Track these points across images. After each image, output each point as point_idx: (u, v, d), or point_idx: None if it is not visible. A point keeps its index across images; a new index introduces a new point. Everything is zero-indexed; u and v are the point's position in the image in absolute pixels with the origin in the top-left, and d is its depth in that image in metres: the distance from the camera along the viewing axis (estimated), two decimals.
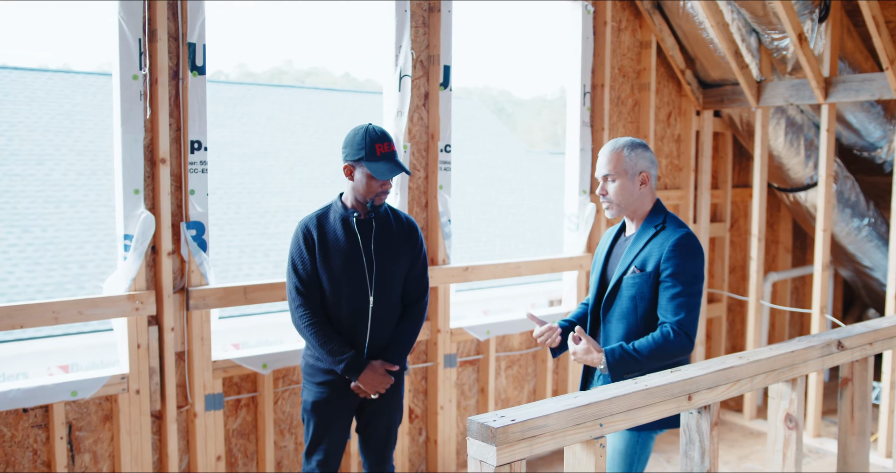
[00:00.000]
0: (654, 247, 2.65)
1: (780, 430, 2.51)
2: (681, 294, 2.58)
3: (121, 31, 3.16)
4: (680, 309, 2.58)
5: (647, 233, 2.71)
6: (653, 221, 2.73)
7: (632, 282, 2.67)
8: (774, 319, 6.13)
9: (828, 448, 4.73)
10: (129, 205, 3.24)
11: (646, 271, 2.64)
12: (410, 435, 4.23)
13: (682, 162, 5.38)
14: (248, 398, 3.69)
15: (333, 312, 3.04)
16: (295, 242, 3.06)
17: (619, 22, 4.91)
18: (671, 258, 2.60)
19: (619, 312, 2.71)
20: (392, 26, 3.90)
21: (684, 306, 2.58)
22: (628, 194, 2.71)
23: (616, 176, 2.69)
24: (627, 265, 2.69)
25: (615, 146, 2.72)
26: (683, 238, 2.63)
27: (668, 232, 2.67)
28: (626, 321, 2.70)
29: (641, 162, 2.71)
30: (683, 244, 2.62)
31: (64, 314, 3.12)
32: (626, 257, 2.72)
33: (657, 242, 2.66)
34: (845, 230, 5.25)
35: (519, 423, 1.74)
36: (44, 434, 3.17)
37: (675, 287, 2.59)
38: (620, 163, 2.69)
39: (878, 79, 4.42)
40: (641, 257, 2.67)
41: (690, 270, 2.61)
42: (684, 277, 2.59)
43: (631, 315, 2.68)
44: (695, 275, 2.61)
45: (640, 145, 2.73)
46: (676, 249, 2.61)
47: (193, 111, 3.37)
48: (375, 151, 2.93)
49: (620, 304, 2.71)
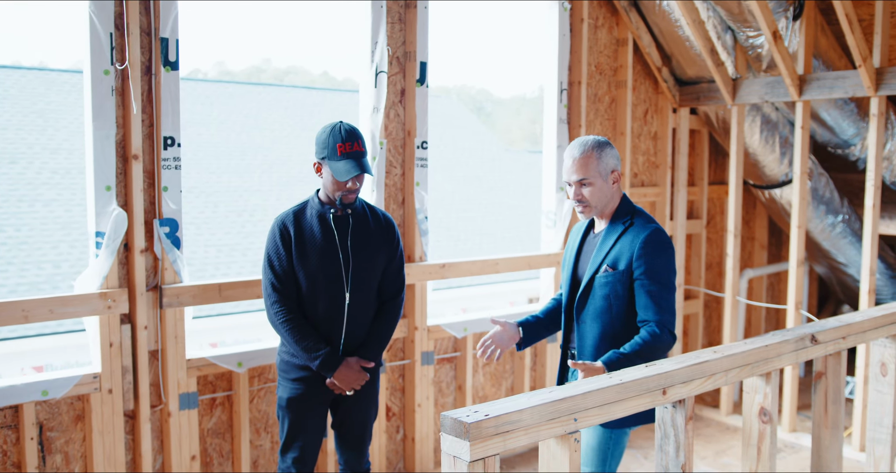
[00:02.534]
0: (625, 244, 2.65)
1: (755, 424, 2.52)
2: (658, 292, 2.59)
3: (91, 26, 3.11)
4: (659, 307, 2.59)
5: (615, 230, 2.70)
6: (620, 217, 2.72)
7: (604, 281, 2.66)
8: (751, 315, 6.18)
9: (803, 443, 4.77)
10: (100, 202, 3.19)
11: (618, 269, 2.64)
12: (388, 433, 4.21)
13: (658, 159, 5.40)
14: (224, 397, 3.65)
15: (310, 308, 3.03)
16: (271, 238, 3.04)
17: (596, 19, 4.92)
18: (643, 256, 2.60)
19: (593, 311, 2.70)
20: (368, 22, 3.88)
21: (661, 303, 2.59)
22: (603, 195, 2.69)
23: (592, 179, 2.66)
24: (599, 264, 2.69)
25: (584, 149, 2.67)
26: (653, 234, 2.63)
27: (637, 229, 2.66)
28: (600, 320, 2.69)
29: (611, 161, 2.70)
30: (653, 240, 2.62)
31: (34, 313, 3.07)
32: (596, 255, 2.72)
33: (627, 239, 2.65)
34: (820, 227, 5.30)
35: (493, 418, 1.73)
36: (13, 435, 3.12)
37: (651, 285, 2.59)
38: (594, 166, 2.66)
39: (851, 76, 4.46)
40: (612, 256, 2.66)
41: (663, 265, 2.61)
42: (658, 274, 2.60)
43: (605, 314, 2.68)
44: (668, 270, 2.62)
45: (606, 144, 2.71)
46: (647, 246, 2.61)
47: (167, 107, 3.33)
48: (337, 151, 2.92)
49: (594, 303, 2.70)
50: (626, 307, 2.66)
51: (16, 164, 10.86)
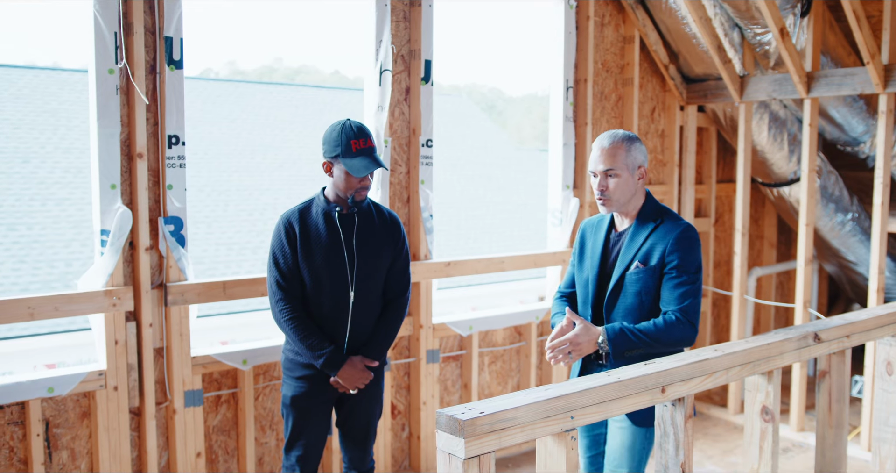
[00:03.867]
0: (657, 240, 2.62)
1: (757, 423, 2.50)
2: (684, 284, 2.57)
3: (96, 25, 3.13)
4: (683, 298, 2.57)
5: (646, 227, 2.66)
6: (650, 215, 2.68)
7: (636, 277, 2.62)
8: (759, 314, 6.15)
9: (811, 442, 4.74)
10: (105, 200, 3.21)
11: (649, 264, 2.61)
12: (393, 431, 4.22)
13: (665, 157, 5.38)
14: (229, 395, 3.67)
15: (314, 306, 3.03)
16: (276, 236, 3.05)
17: (602, 17, 4.90)
18: (675, 251, 2.58)
19: (624, 309, 2.66)
20: (372, 20, 3.88)
21: (687, 295, 2.57)
22: (628, 190, 2.64)
23: (618, 171, 2.61)
24: (629, 261, 2.64)
25: (614, 140, 2.63)
26: (686, 231, 2.62)
27: (670, 225, 2.64)
28: (630, 317, 2.64)
29: (640, 156, 2.66)
30: (686, 237, 2.61)
31: (40, 310, 3.10)
32: (625, 252, 2.67)
33: (659, 235, 2.62)
34: (829, 225, 5.27)
35: (488, 415, 1.73)
36: (20, 432, 3.15)
37: (678, 278, 2.58)
38: (623, 157, 2.61)
39: (859, 73, 4.43)
40: (643, 252, 2.63)
41: (693, 262, 2.60)
42: (687, 268, 2.58)
43: (636, 311, 2.64)
44: (697, 267, 2.61)
45: (637, 139, 2.68)
46: (680, 241, 2.59)
47: (171, 106, 3.35)
48: (351, 148, 2.92)
49: (625, 301, 2.65)
50: (657, 303, 2.64)
51: (28, 163, 10.94)
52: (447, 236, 13.17)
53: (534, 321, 4.65)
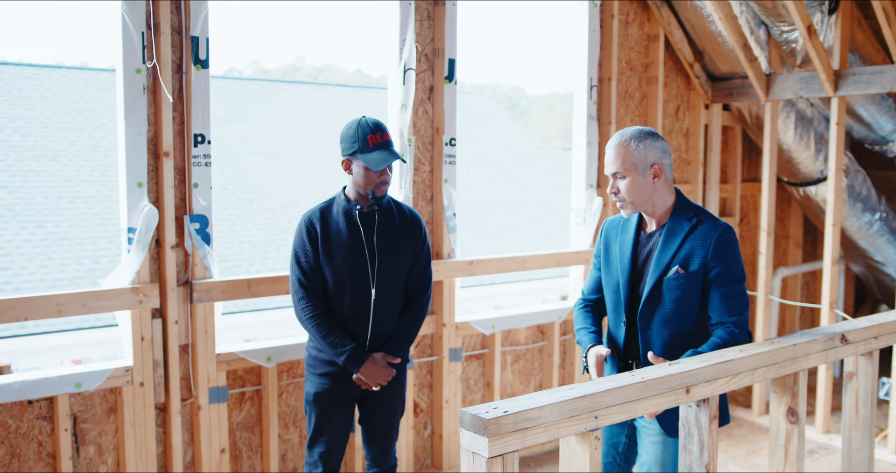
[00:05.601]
0: (696, 243, 2.47)
1: (783, 424, 2.48)
2: (734, 292, 2.44)
3: (124, 25, 3.16)
4: (737, 308, 2.44)
5: (680, 229, 2.50)
6: (683, 214, 2.52)
7: (675, 283, 2.47)
8: (784, 314, 6.09)
9: (836, 444, 4.69)
10: (132, 198, 3.25)
11: (689, 270, 2.46)
12: (416, 429, 4.23)
13: (690, 156, 5.34)
14: (253, 391, 3.70)
15: (336, 304, 3.05)
16: (298, 235, 3.08)
17: (627, 15, 4.88)
18: (719, 255, 2.44)
19: (662, 317, 2.51)
20: (396, 19, 3.89)
21: (741, 304, 2.45)
22: (641, 191, 2.48)
23: (626, 172, 2.46)
24: (665, 265, 2.49)
25: (621, 139, 2.47)
26: (726, 233, 2.47)
27: (708, 226, 2.49)
28: (669, 325, 2.50)
29: (651, 154, 2.47)
30: (728, 239, 2.47)
31: (68, 307, 3.14)
32: (661, 255, 2.51)
33: (697, 237, 2.47)
34: (856, 225, 5.20)
35: (511, 415, 1.73)
36: (49, 426, 3.19)
37: (727, 285, 2.44)
38: (629, 158, 2.45)
39: (888, 71, 4.37)
40: (682, 256, 2.47)
41: (738, 267, 2.47)
42: (734, 274, 2.45)
43: (675, 320, 2.49)
44: (742, 270, 2.48)
45: (650, 135, 2.49)
46: (723, 245, 2.45)
47: (197, 105, 3.38)
48: (368, 143, 2.95)
49: (663, 308, 2.50)
50: (698, 310, 2.50)
51: (56, 161, 11.08)
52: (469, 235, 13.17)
53: (556, 320, 4.64)
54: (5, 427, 3.10)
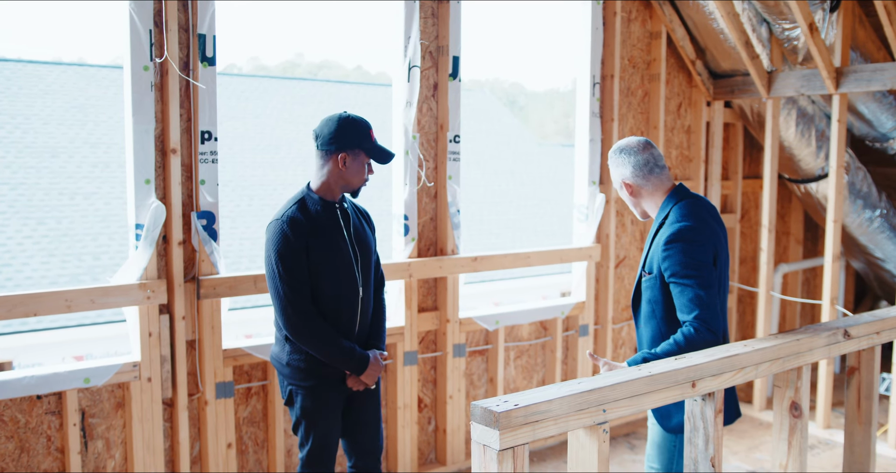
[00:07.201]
0: (655, 246, 2.60)
1: (786, 418, 2.51)
2: (688, 290, 2.48)
3: (132, 23, 3.18)
4: (693, 305, 2.47)
5: (653, 232, 2.67)
6: (658, 218, 2.65)
7: (647, 285, 2.64)
8: (785, 310, 6.12)
9: (837, 440, 4.72)
10: (140, 195, 3.27)
11: (653, 273, 2.60)
12: (419, 424, 4.26)
13: (692, 153, 5.37)
14: (259, 387, 3.72)
15: (331, 308, 2.90)
16: (281, 241, 2.81)
17: (629, 12, 4.90)
18: (666, 258, 2.52)
19: (644, 315, 2.68)
20: (401, 17, 3.91)
21: (695, 300, 2.46)
22: (628, 202, 2.74)
23: (615, 187, 2.75)
24: (641, 267, 2.68)
25: (608, 157, 2.74)
26: (673, 234, 2.52)
27: (665, 228, 2.58)
28: (650, 324, 2.66)
29: (619, 170, 2.68)
30: (674, 239, 2.51)
31: (76, 303, 3.16)
32: (642, 259, 2.70)
33: (658, 241, 2.59)
34: (857, 222, 5.23)
35: (522, 408, 1.76)
36: (57, 421, 3.22)
37: (680, 284, 2.49)
38: (611, 174, 2.74)
39: (890, 69, 4.39)
40: (649, 260, 2.63)
41: (688, 262, 2.48)
42: (684, 271, 2.48)
43: (651, 319, 2.64)
44: (695, 266, 2.48)
45: (621, 151, 2.66)
46: (668, 247, 2.52)
47: (204, 102, 3.40)
48: (370, 137, 2.91)
49: (643, 307, 2.68)
50: (668, 311, 2.58)
51: (57, 157, 11.10)
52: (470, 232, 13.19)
53: (559, 316, 4.67)
54: (14, 422, 3.13)
